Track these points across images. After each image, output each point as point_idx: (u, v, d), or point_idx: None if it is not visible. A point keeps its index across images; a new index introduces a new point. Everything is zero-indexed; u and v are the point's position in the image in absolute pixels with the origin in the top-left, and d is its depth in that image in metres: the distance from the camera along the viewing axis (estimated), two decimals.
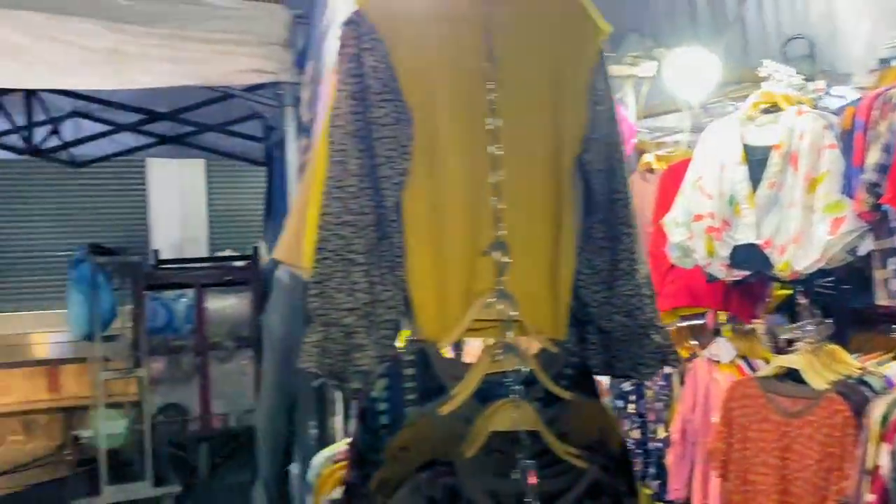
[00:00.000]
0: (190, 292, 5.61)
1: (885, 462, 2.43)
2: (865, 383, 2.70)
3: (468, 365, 1.49)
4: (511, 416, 1.44)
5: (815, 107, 2.80)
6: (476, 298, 1.49)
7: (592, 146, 1.56)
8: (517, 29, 1.54)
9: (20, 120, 4.93)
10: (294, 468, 3.43)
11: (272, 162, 4.95)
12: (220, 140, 5.44)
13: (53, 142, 5.30)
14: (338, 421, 3.16)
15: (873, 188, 2.43)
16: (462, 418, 1.45)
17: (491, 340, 1.48)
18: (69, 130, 5.29)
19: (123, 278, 5.41)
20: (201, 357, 5.48)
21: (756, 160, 2.76)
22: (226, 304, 5.74)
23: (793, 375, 2.69)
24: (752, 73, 2.97)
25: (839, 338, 2.83)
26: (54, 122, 5.07)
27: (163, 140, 5.54)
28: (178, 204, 7.13)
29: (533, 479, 1.43)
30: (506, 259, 1.49)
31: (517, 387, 1.44)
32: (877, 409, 2.48)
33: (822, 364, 2.70)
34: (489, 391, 1.46)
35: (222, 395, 5.63)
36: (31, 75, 2.58)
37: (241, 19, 2.68)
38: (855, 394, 2.64)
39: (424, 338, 1.49)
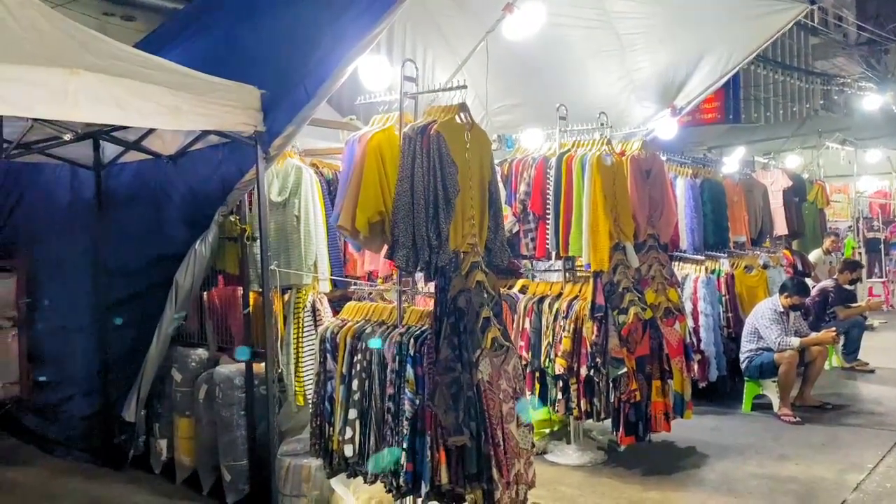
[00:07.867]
0: None
1: (527, 325, 5.58)
2: (511, 296, 5.84)
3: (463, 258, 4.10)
4: (481, 275, 4.12)
5: None
6: (469, 236, 4.11)
7: (492, 181, 4.30)
8: (472, 139, 4.20)
9: None
10: None
11: None
12: None
13: None
14: None
15: (522, 202, 5.60)
16: (466, 275, 4.06)
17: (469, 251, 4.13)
18: None
19: None
20: None
21: None
22: None
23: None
24: None
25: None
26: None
27: None
28: None
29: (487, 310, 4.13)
30: (475, 222, 4.14)
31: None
32: (521, 304, 5.65)
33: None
34: (472, 266, 4.10)
35: None
36: (127, 117, 4.17)
37: (234, 91, 4.60)
38: (510, 298, 5.76)
39: (454, 249, 4.04)
